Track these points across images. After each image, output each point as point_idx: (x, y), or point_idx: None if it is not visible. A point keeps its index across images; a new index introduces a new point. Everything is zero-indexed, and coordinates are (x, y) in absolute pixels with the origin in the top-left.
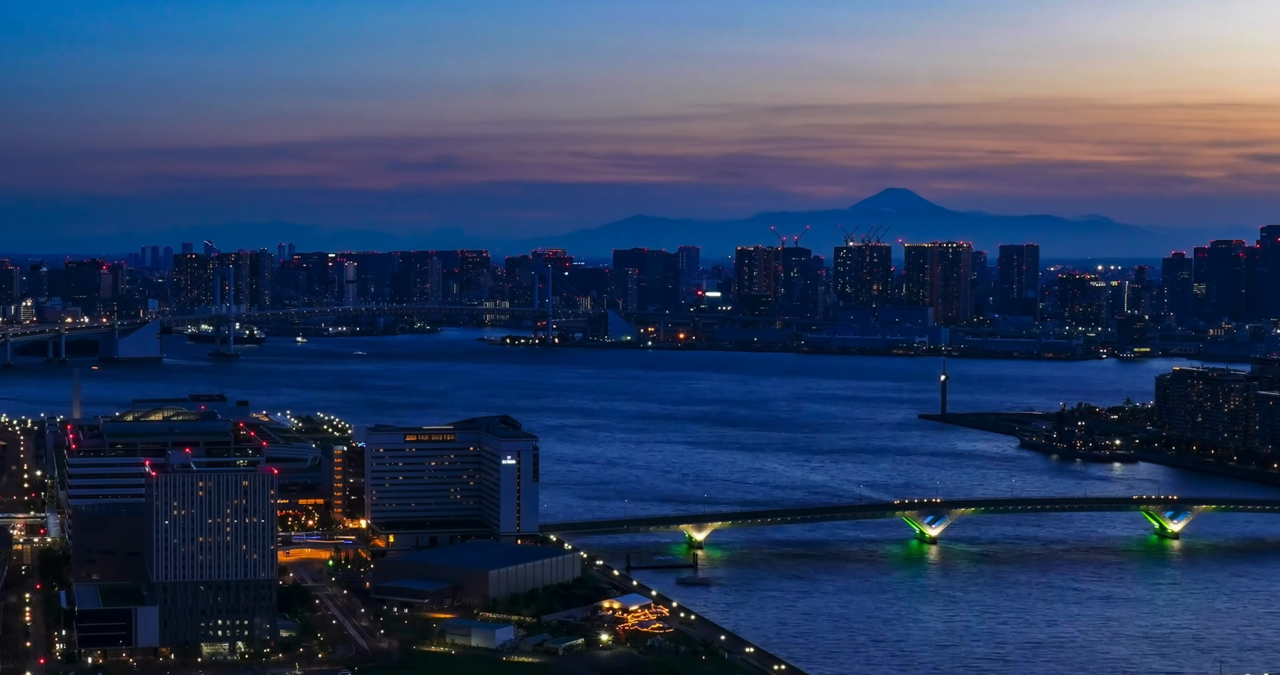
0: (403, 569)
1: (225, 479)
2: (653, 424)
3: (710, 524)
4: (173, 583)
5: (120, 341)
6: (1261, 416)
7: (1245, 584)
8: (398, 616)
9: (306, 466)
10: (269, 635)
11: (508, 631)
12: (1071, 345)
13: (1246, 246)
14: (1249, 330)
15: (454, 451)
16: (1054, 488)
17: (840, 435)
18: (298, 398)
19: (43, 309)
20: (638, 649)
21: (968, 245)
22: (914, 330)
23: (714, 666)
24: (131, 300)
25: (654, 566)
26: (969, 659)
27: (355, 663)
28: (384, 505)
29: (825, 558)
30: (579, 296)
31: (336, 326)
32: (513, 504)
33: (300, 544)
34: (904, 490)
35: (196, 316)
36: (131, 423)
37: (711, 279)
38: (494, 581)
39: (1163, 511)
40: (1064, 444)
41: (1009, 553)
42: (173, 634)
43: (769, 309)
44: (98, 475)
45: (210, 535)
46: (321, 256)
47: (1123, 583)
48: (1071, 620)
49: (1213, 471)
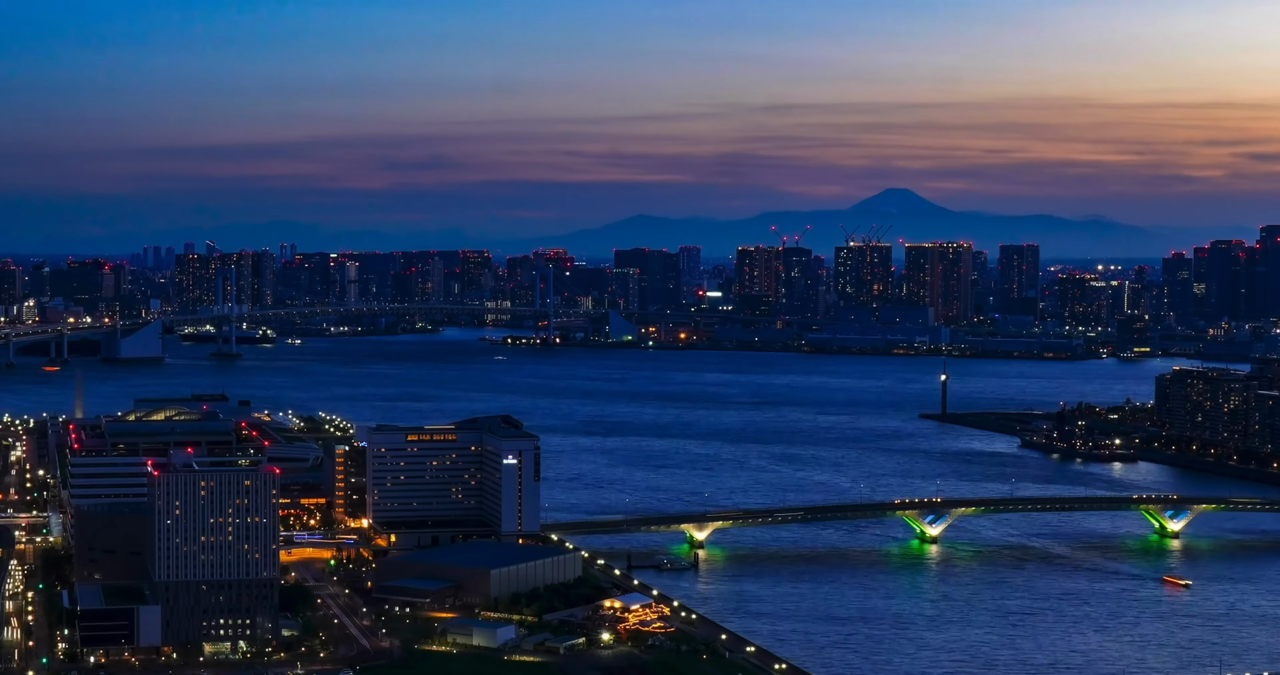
0: (404, 568)
1: (227, 479)
2: (654, 422)
3: (711, 523)
4: (175, 582)
5: (122, 341)
6: (1261, 416)
7: (1245, 581)
8: (399, 616)
9: (308, 466)
10: (271, 634)
11: (509, 631)
12: (1072, 345)
13: (1246, 246)
14: (1249, 330)
15: (455, 451)
16: (1054, 487)
17: (841, 435)
18: (299, 397)
19: (45, 309)
20: (639, 648)
21: (968, 245)
22: (914, 330)
23: (715, 666)
24: (133, 300)
25: (655, 566)
26: (969, 658)
27: (357, 662)
28: (385, 505)
29: (826, 557)
30: (580, 296)
31: (338, 326)
32: (514, 503)
33: (302, 543)
34: (904, 490)
35: (199, 316)
36: (133, 422)
37: (712, 279)
38: (495, 581)
39: (1163, 511)
40: (1064, 444)
41: (1009, 552)
42: (175, 633)
43: (770, 309)
44: (100, 475)
45: (212, 535)
46: (323, 256)
47: (1120, 581)
48: (1073, 619)
49: (1213, 471)
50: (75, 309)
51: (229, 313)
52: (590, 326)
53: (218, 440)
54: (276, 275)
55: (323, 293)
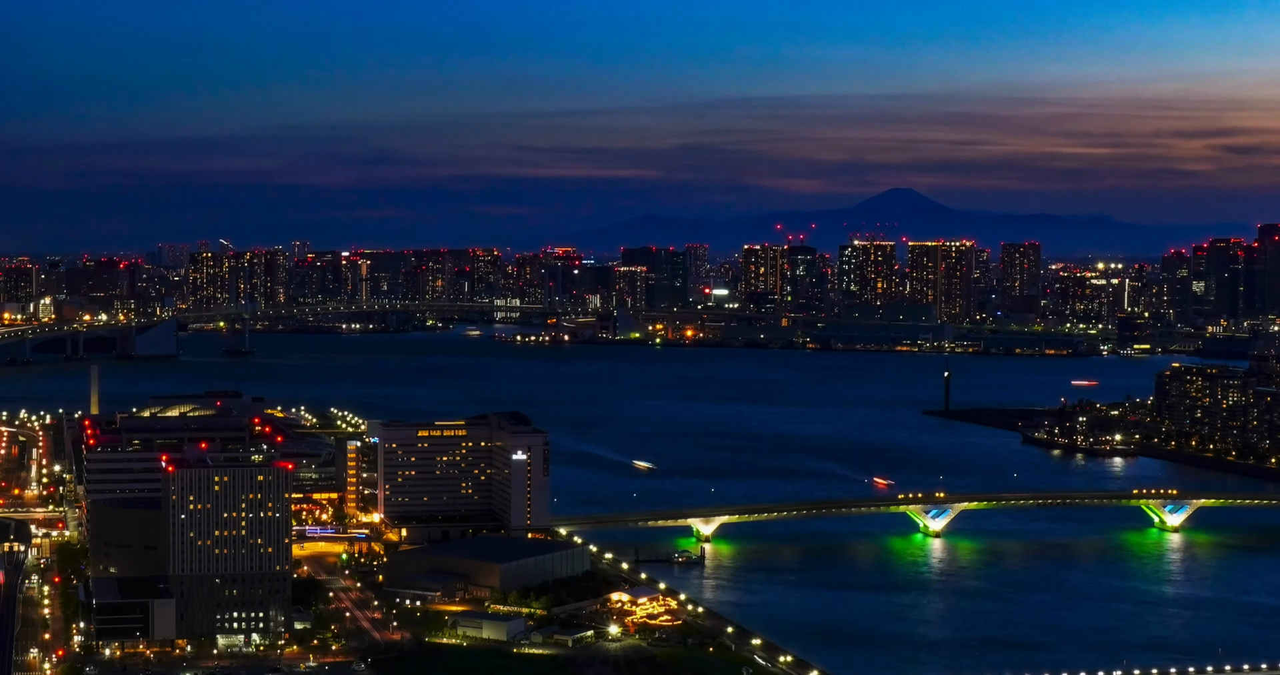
0: (415, 562)
1: (241, 474)
2: (659, 420)
3: (717, 517)
4: (189, 576)
5: (138, 338)
6: (1259, 412)
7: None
8: (410, 609)
9: (320, 461)
10: (284, 628)
11: (518, 624)
12: (1073, 342)
13: (1245, 244)
14: (1247, 327)
15: (465, 446)
16: (1055, 483)
17: (845, 431)
18: (312, 393)
19: (61, 306)
20: (646, 641)
21: (971, 244)
22: (918, 328)
23: (721, 658)
24: (148, 298)
25: (662, 560)
26: (972, 651)
27: (369, 654)
28: (396, 500)
29: (830, 551)
30: (588, 294)
31: (350, 324)
32: (523, 498)
33: (315, 538)
34: (907, 485)
35: (213, 314)
36: (148, 418)
37: (719, 277)
38: (505, 575)
39: (1162, 506)
40: (1065, 440)
41: (1011, 546)
42: (189, 626)
43: (775, 307)
44: (115, 470)
45: (226, 529)
46: (335, 254)
47: (1121, 576)
48: (1074, 612)
49: (1212, 467)
50: (91, 306)
51: (243, 310)
52: (598, 324)
53: (231, 436)
54: (289, 273)
55: (335, 291)
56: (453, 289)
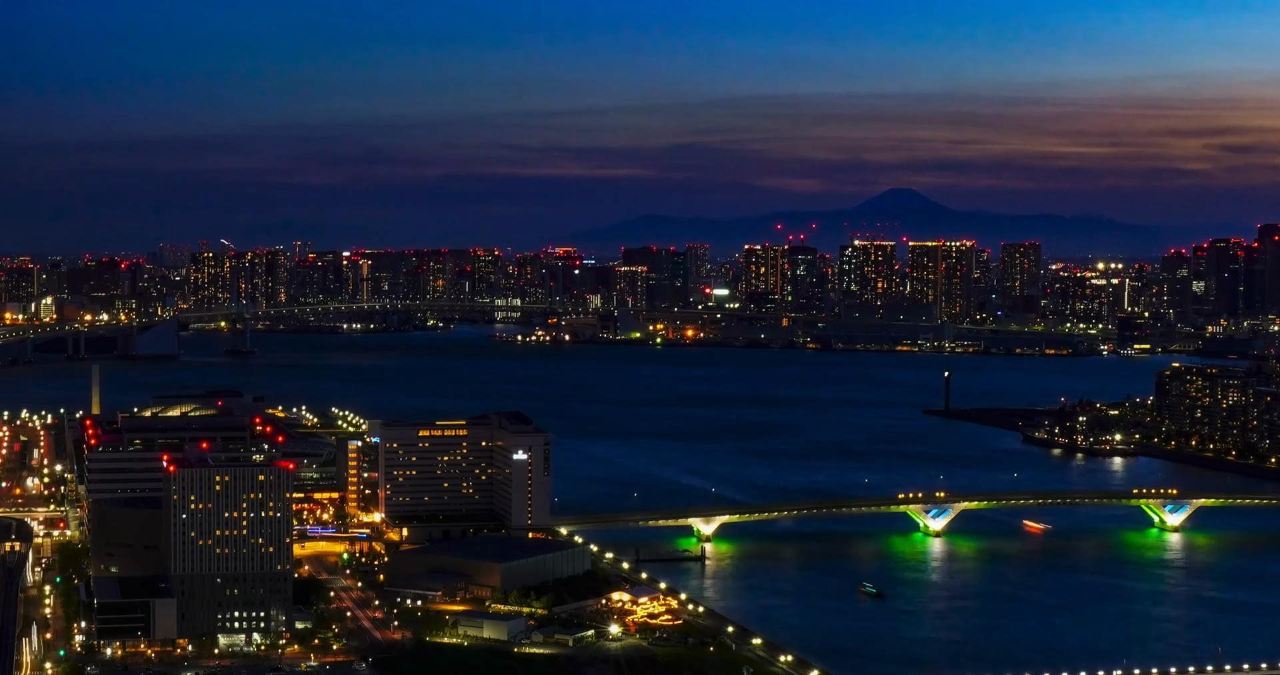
0: (416, 562)
1: (242, 473)
2: (660, 419)
3: (718, 517)
4: (190, 575)
5: (139, 338)
6: (1259, 412)
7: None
8: (411, 608)
9: (322, 461)
10: (285, 627)
11: (519, 623)
12: (1073, 342)
13: (1245, 244)
14: (1247, 327)
15: (466, 446)
16: (1055, 482)
17: (845, 430)
18: (314, 393)
19: (62, 306)
20: (647, 640)
21: (971, 244)
22: (918, 328)
23: (722, 657)
24: (150, 298)
25: (662, 559)
26: (972, 652)
27: (369, 654)
28: (397, 499)
29: (830, 551)
30: (589, 294)
31: (351, 323)
32: (524, 498)
33: (316, 538)
34: (908, 484)
35: (214, 314)
36: (150, 418)
37: (719, 277)
38: (505, 574)
39: (1162, 505)
40: (1065, 439)
41: (1011, 546)
42: (190, 626)
43: (776, 307)
44: (116, 469)
45: (227, 529)
46: (336, 254)
47: (1122, 575)
48: (1073, 612)
49: (1211, 467)
50: (92, 306)
51: (244, 310)
52: (599, 324)
53: (232, 435)
54: (290, 273)
55: (336, 291)
56: (453, 289)
